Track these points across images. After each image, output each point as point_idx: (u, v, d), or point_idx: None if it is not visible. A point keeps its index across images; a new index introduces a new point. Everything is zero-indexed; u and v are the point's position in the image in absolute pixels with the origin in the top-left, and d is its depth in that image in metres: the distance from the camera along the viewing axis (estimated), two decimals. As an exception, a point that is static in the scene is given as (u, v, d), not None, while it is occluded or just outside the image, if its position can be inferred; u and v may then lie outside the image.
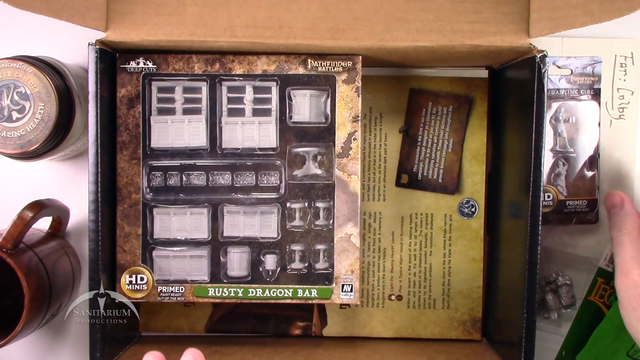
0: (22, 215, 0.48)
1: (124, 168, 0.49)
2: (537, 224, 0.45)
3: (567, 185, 0.54)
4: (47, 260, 0.50)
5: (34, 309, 0.47)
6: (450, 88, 0.55)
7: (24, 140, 0.48)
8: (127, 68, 0.48)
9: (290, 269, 0.49)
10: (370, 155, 0.56)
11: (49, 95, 0.47)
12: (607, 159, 0.57)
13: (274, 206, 0.49)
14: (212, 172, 0.49)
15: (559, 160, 0.53)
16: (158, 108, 0.49)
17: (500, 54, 0.49)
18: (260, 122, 0.49)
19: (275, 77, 0.49)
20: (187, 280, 0.49)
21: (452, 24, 0.45)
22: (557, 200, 0.53)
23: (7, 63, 0.47)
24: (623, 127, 0.57)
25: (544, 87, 0.45)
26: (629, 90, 0.57)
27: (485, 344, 0.56)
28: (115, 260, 0.49)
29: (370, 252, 0.56)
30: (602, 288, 0.55)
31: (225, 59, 0.48)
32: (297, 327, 0.56)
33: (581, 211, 0.54)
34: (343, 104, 0.49)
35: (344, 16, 0.46)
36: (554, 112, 0.53)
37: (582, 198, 0.53)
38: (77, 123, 0.50)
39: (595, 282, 0.55)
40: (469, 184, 0.56)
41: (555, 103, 0.53)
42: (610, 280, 0.55)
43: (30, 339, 0.58)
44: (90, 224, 0.45)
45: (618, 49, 0.57)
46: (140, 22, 0.45)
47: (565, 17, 0.44)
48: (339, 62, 0.49)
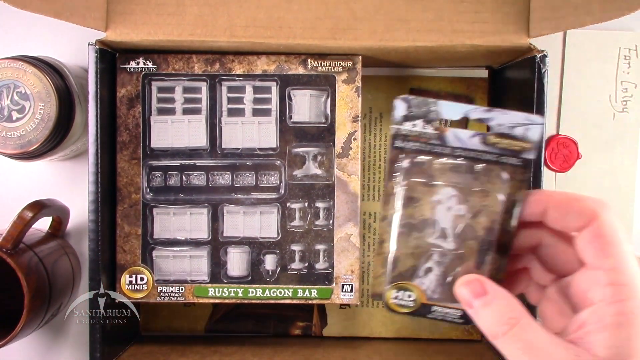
0: (22, 215, 0.48)
1: (124, 168, 0.49)
2: (537, 224, 0.45)
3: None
4: (47, 260, 0.50)
5: (34, 309, 0.47)
6: (450, 88, 0.55)
7: (24, 140, 0.48)
8: (127, 68, 0.48)
9: (290, 269, 0.49)
10: (370, 155, 0.56)
11: (49, 95, 0.47)
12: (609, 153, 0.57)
13: (274, 206, 0.49)
14: (212, 172, 0.49)
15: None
16: (158, 108, 0.49)
17: (500, 54, 0.49)
18: (260, 122, 0.49)
19: (275, 77, 0.49)
20: (187, 280, 0.49)
21: (452, 24, 0.45)
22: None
23: (7, 63, 0.47)
24: (626, 120, 0.57)
25: (544, 87, 0.45)
26: (633, 83, 0.57)
27: (485, 344, 0.56)
28: (115, 260, 0.49)
29: (370, 252, 0.56)
30: None
31: (225, 59, 0.48)
32: (297, 327, 0.56)
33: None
34: (343, 104, 0.49)
35: (344, 16, 0.46)
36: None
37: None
38: (77, 123, 0.50)
39: None
40: (469, 184, 0.56)
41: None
42: None
43: (30, 339, 0.58)
44: (90, 224, 0.45)
45: (622, 41, 0.57)
46: (140, 22, 0.45)
47: (565, 17, 0.44)
48: (339, 62, 0.49)
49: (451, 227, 0.33)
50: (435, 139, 0.32)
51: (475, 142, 0.32)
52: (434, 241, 0.33)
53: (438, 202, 0.33)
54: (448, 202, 0.33)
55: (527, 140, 0.31)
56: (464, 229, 0.32)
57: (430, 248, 0.33)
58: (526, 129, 0.31)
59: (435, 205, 0.32)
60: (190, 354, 0.51)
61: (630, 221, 0.58)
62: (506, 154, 0.32)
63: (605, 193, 0.58)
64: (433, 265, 0.33)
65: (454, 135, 0.32)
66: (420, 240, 0.33)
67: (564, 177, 0.58)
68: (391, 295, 0.33)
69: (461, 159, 0.32)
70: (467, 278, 0.31)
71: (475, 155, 0.32)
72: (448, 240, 0.33)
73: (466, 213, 0.32)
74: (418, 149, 0.32)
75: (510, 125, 0.32)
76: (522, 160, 0.31)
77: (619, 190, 0.58)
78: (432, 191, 0.32)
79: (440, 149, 0.32)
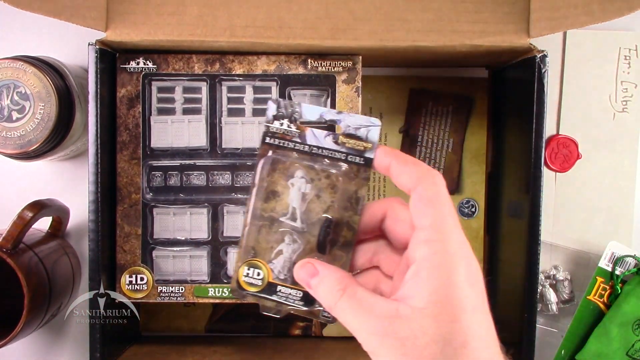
0: (22, 215, 0.48)
1: (124, 168, 0.49)
2: (537, 224, 0.45)
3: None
4: (47, 260, 0.50)
5: (34, 309, 0.47)
6: (450, 88, 0.55)
7: (24, 140, 0.48)
8: (127, 68, 0.48)
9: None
10: (370, 155, 0.56)
11: (49, 95, 0.47)
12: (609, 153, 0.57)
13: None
14: (212, 172, 0.49)
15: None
16: (158, 108, 0.49)
17: (500, 54, 0.49)
18: (260, 122, 0.49)
19: (275, 77, 0.49)
20: (187, 280, 0.49)
21: (452, 24, 0.45)
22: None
23: (7, 63, 0.47)
24: (626, 120, 0.57)
25: (544, 87, 0.45)
26: (633, 83, 0.57)
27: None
28: (115, 260, 0.49)
29: (370, 252, 0.56)
30: (601, 287, 0.55)
31: (225, 59, 0.48)
32: (297, 327, 0.56)
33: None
34: (343, 104, 0.49)
35: (344, 16, 0.46)
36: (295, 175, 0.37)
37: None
38: (77, 123, 0.50)
39: (595, 281, 0.55)
40: (469, 184, 0.56)
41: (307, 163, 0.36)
42: (610, 280, 0.55)
43: (30, 339, 0.58)
44: (90, 224, 0.45)
45: (622, 41, 0.57)
46: (140, 22, 0.45)
47: (565, 17, 0.44)
48: (339, 62, 0.49)
49: (299, 207, 0.36)
50: (296, 136, 0.36)
51: (329, 141, 0.35)
52: (285, 221, 0.36)
53: (292, 185, 0.36)
54: (298, 183, 0.36)
55: (368, 140, 0.35)
56: (309, 207, 0.36)
57: (284, 230, 0.36)
58: (367, 130, 0.35)
59: (290, 188, 0.36)
60: (190, 354, 0.51)
61: (630, 221, 0.58)
62: (352, 152, 0.35)
63: (605, 193, 0.58)
64: (284, 247, 0.36)
65: (312, 134, 0.36)
66: (277, 226, 0.36)
67: (564, 177, 0.58)
68: (242, 272, 0.36)
69: (316, 155, 0.36)
70: (301, 263, 0.34)
71: (328, 154, 0.35)
72: (297, 221, 0.36)
73: (312, 192, 0.36)
74: (283, 146, 0.36)
75: (355, 126, 0.35)
76: (364, 159, 0.35)
77: (619, 190, 0.58)
78: (289, 178, 0.36)
79: (300, 146, 0.35)
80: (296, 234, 0.36)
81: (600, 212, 0.58)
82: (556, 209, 0.58)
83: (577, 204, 0.58)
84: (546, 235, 0.58)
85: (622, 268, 0.54)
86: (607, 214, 0.58)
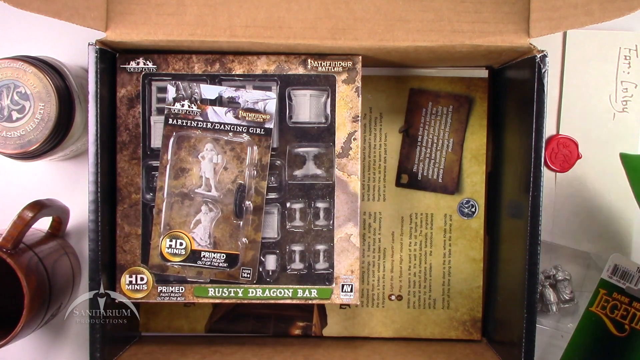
0: (22, 215, 0.48)
1: (124, 168, 0.49)
2: (537, 224, 0.45)
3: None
4: (47, 260, 0.50)
5: (34, 309, 0.47)
6: (450, 88, 0.55)
7: (24, 140, 0.48)
8: (127, 68, 0.48)
9: (290, 269, 0.49)
10: (370, 155, 0.56)
11: (49, 95, 0.47)
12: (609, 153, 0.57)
13: (274, 206, 0.49)
14: (212, 172, 0.49)
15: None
16: (158, 108, 0.49)
17: (500, 54, 0.49)
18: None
19: (275, 77, 0.49)
20: (187, 280, 0.49)
21: (452, 24, 0.45)
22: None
23: (7, 63, 0.47)
24: (626, 120, 0.57)
25: (544, 87, 0.45)
26: (633, 83, 0.57)
27: (485, 344, 0.56)
28: (115, 260, 0.49)
29: (370, 252, 0.56)
30: (604, 299, 0.54)
31: (225, 59, 0.48)
32: (297, 327, 0.56)
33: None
34: (343, 104, 0.49)
35: (344, 16, 0.46)
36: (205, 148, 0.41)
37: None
38: (77, 123, 0.50)
39: (597, 293, 0.54)
40: (468, 184, 0.56)
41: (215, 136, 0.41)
42: (613, 292, 0.54)
43: (30, 339, 0.58)
44: (90, 224, 0.45)
45: (622, 41, 0.57)
46: (140, 22, 0.45)
47: (565, 17, 0.44)
48: (339, 62, 0.49)
49: (212, 177, 0.39)
50: (198, 115, 0.39)
51: (230, 116, 0.39)
52: (200, 192, 0.39)
53: (202, 158, 0.39)
54: (209, 155, 0.39)
55: (266, 112, 0.39)
56: (220, 178, 0.39)
57: (200, 201, 0.39)
58: (265, 104, 0.40)
59: (200, 162, 0.39)
60: (190, 354, 0.51)
61: (631, 221, 0.58)
62: (252, 125, 0.39)
63: (605, 193, 0.58)
64: (202, 216, 0.40)
65: (213, 112, 0.39)
66: (192, 199, 0.39)
67: (564, 177, 0.58)
68: (165, 245, 0.39)
69: (220, 131, 0.39)
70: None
71: (230, 129, 0.39)
72: (212, 190, 0.39)
73: (222, 162, 0.39)
74: (186, 125, 0.39)
75: (253, 101, 0.40)
76: (265, 129, 0.39)
77: (619, 190, 0.58)
78: (198, 153, 0.39)
79: (203, 124, 0.39)
80: (212, 203, 0.39)
81: (600, 212, 0.58)
82: (556, 209, 0.58)
83: (577, 204, 0.58)
84: (546, 235, 0.58)
85: (625, 280, 0.53)
86: (607, 214, 0.58)
